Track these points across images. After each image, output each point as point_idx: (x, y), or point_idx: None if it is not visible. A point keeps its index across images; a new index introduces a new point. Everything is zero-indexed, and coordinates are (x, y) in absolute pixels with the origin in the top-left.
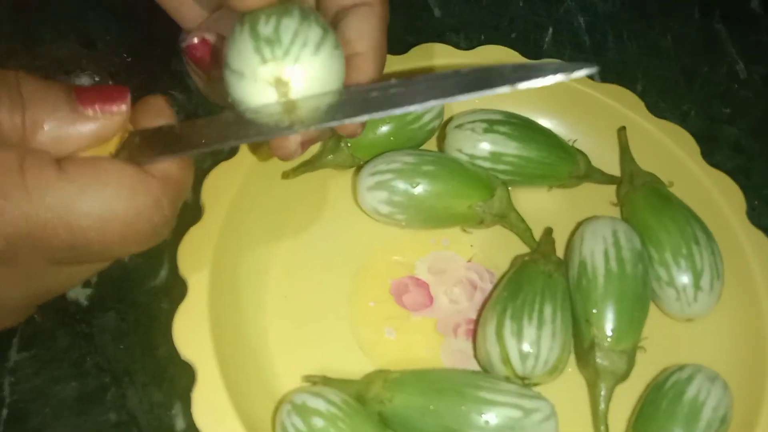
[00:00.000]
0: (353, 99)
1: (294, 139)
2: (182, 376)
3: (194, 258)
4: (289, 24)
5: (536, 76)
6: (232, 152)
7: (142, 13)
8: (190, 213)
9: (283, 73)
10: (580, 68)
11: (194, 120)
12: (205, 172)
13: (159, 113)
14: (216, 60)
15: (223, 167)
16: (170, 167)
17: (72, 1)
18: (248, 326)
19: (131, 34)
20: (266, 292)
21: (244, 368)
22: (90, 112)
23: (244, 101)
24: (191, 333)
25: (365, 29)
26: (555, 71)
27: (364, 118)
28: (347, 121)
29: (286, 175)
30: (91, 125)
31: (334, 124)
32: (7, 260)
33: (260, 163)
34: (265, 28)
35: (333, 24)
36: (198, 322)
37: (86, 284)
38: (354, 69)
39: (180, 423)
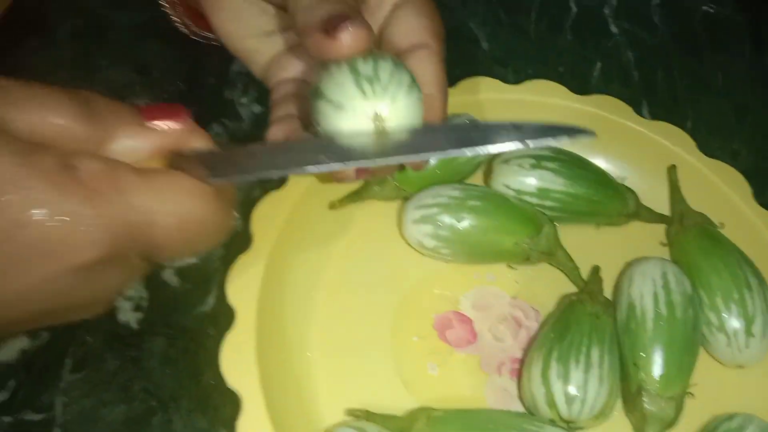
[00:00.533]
0: (424, 138)
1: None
2: (226, 404)
3: (242, 287)
4: (386, 66)
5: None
6: (281, 182)
7: (196, 42)
8: (239, 242)
9: (381, 109)
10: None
11: (244, 146)
12: (254, 201)
13: (197, 136)
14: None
15: (272, 197)
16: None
17: (129, 30)
18: (293, 357)
19: (185, 62)
20: (311, 323)
21: (289, 399)
22: (154, 125)
23: (339, 129)
24: (238, 362)
25: (432, 71)
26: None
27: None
28: (413, 158)
29: (332, 206)
30: (155, 137)
31: (409, 159)
32: (113, 259)
33: (308, 193)
34: (365, 67)
35: None
36: (245, 352)
37: (137, 308)
38: (428, 108)
39: None
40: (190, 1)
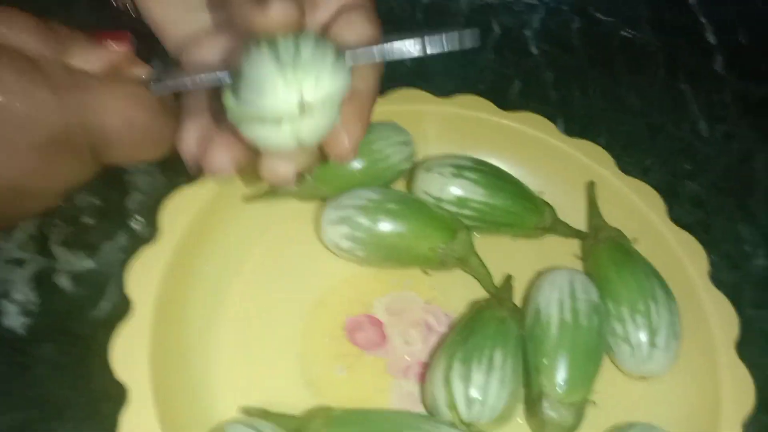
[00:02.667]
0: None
1: (289, 167)
2: (117, 413)
3: (143, 278)
4: (307, 43)
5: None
6: (195, 177)
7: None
8: (145, 235)
9: (304, 91)
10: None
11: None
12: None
13: (138, 65)
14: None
15: (184, 192)
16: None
17: None
18: (193, 353)
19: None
20: (217, 320)
21: (182, 394)
22: (104, 44)
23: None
24: (129, 353)
25: (359, 30)
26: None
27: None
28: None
29: (247, 199)
30: (104, 56)
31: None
32: (67, 145)
33: (223, 189)
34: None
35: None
36: (138, 343)
37: (25, 313)
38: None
39: None
40: None
